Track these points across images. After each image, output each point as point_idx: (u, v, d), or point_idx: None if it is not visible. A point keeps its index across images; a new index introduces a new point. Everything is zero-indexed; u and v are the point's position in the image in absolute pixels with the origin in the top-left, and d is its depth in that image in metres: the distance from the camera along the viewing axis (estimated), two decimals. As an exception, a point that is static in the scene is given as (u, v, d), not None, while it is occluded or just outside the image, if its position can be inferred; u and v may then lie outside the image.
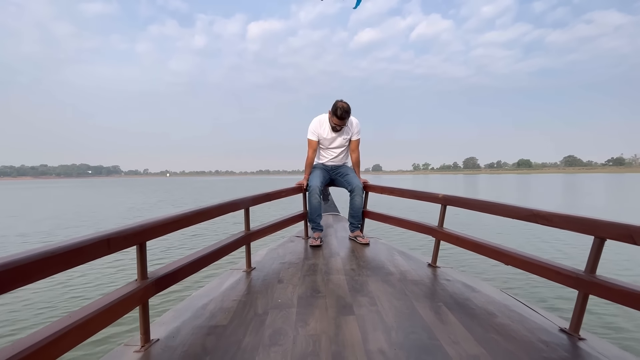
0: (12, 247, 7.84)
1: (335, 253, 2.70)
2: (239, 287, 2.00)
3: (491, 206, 1.96)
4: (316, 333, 1.42)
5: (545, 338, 1.39)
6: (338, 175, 3.23)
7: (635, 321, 3.34)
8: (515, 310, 1.67)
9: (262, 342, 1.35)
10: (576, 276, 1.43)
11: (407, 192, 2.81)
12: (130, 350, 1.31)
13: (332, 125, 2.96)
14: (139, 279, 1.33)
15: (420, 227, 2.60)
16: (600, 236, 1.36)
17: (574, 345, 1.35)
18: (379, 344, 1.33)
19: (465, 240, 2.15)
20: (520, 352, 1.28)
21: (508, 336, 1.40)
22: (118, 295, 1.20)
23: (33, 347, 0.87)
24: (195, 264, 1.68)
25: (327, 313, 1.62)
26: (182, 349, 1.32)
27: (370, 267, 2.36)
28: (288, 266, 2.37)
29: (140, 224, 1.31)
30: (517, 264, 1.74)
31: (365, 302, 1.74)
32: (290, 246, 2.94)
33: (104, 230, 1.17)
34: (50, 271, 0.93)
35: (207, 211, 1.79)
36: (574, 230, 1.46)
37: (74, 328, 1.00)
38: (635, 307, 1.22)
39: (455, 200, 2.27)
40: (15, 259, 0.84)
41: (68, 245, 0.99)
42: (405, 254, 2.67)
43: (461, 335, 1.41)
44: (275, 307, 1.69)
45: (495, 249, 1.90)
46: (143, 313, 1.34)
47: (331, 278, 2.12)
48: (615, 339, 3.03)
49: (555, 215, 1.55)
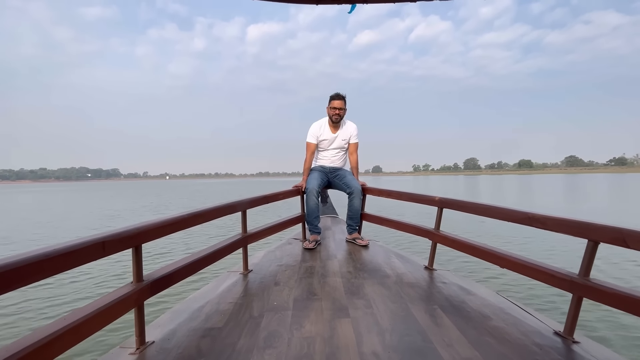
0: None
1: (332, 255, 2.71)
2: (235, 289, 2.00)
3: (487, 209, 1.97)
4: (311, 335, 1.42)
5: (539, 341, 1.40)
6: (336, 178, 3.25)
7: (628, 324, 3.34)
8: (510, 313, 1.67)
9: (257, 345, 1.35)
10: (570, 279, 1.44)
11: (405, 194, 2.83)
12: (126, 352, 1.31)
13: (332, 115, 3.07)
14: (134, 282, 1.33)
15: (417, 229, 2.61)
16: (593, 239, 1.37)
17: (567, 348, 1.35)
18: (373, 346, 1.33)
19: (461, 243, 2.16)
20: (514, 355, 1.28)
21: (502, 339, 1.41)
22: (113, 298, 1.20)
23: (26, 349, 0.87)
24: (191, 267, 1.68)
25: (323, 315, 1.62)
26: (177, 351, 1.32)
27: (367, 269, 2.36)
28: (285, 269, 2.38)
29: (136, 226, 1.32)
30: (513, 267, 1.74)
31: (361, 305, 1.75)
32: (288, 248, 2.94)
33: (99, 232, 1.17)
34: (45, 274, 0.93)
35: (204, 213, 1.80)
36: (567, 233, 1.47)
37: (69, 330, 1.00)
38: (628, 310, 1.23)
39: (451, 203, 2.28)
40: (10, 262, 0.84)
41: (63, 248, 0.99)
42: (402, 257, 2.68)
43: (455, 338, 1.41)
44: (271, 310, 1.69)
45: (490, 252, 1.91)
46: (138, 315, 1.34)
47: (327, 280, 2.12)
48: (609, 342, 3.03)
49: (550, 219, 1.56)
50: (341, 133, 3.16)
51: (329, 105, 3.09)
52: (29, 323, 3.71)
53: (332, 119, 3.09)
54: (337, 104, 3.04)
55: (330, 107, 3.08)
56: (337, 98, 3.05)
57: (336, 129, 3.16)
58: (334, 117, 3.06)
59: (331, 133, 3.15)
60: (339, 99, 3.04)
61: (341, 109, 3.06)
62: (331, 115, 3.08)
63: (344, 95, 3.06)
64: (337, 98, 3.05)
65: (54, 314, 3.95)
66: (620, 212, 12.89)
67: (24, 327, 3.63)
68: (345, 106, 3.08)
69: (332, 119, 3.09)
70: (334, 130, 3.15)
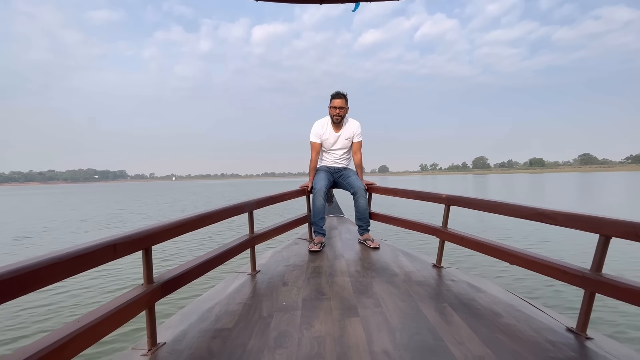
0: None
1: (339, 255, 2.70)
2: (244, 290, 2.01)
3: (495, 206, 1.94)
4: (321, 335, 1.42)
5: (551, 338, 1.38)
6: (341, 178, 3.24)
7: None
8: (521, 310, 1.65)
9: (267, 345, 1.35)
10: (582, 275, 1.42)
11: (411, 192, 2.82)
12: (138, 354, 1.32)
13: (333, 116, 3.04)
14: (145, 283, 1.35)
15: (424, 227, 2.59)
16: (605, 234, 1.35)
17: (581, 344, 1.33)
18: (383, 345, 1.33)
19: (469, 240, 2.14)
20: (527, 352, 1.27)
21: (514, 336, 1.39)
22: (125, 300, 1.21)
23: (42, 352, 0.89)
24: (200, 268, 1.69)
25: (332, 315, 1.62)
26: (188, 352, 1.33)
27: (375, 268, 2.36)
28: (292, 269, 2.38)
29: (146, 229, 1.34)
30: (523, 264, 1.72)
31: (370, 304, 1.74)
32: (295, 248, 2.94)
33: (110, 235, 1.19)
34: (59, 277, 0.95)
35: (211, 215, 1.81)
36: (579, 228, 1.45)
37: (82, 332, 1.02)
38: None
39: (458, 200, 2.26)
40: (26, 265, 0.86)
41: (76, 251, 1.01)
42: (409, 255, 2.67)
43: (466, 335, 1.40)
44: (280, 310, 1.70)
45: (499, 249, 1.89)
46: (149, 317, 1.35)
47: (335, 280, 2.12)
48: (624, 338, 2.99)
49: (560, 214, 1.54)
50: (344, 132, 3.13)
51: (330, 105, 3.05)
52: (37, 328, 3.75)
53: (334, 120, 3.06)
54: (337, 102, 3.00)
55: (331, 106, 3.04)
56: (337, 97, 3.00)
57: (339, 128, 3.12)
58: (335, 117, 3.03)
59: (334, 132, 3.12)
60: (339, 98, 3.00)
61: (342, 107, 3.01)
62: (332, 115, 3.05)
63: (344, 94, 3.02)
64: (338, 97, 3.00)
65: (60, 319, 3.99)
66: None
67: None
68: (347, 105, 3.04)
69: (334, 120, 3.06)
70: (336, 130, 3.12)
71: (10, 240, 9.44)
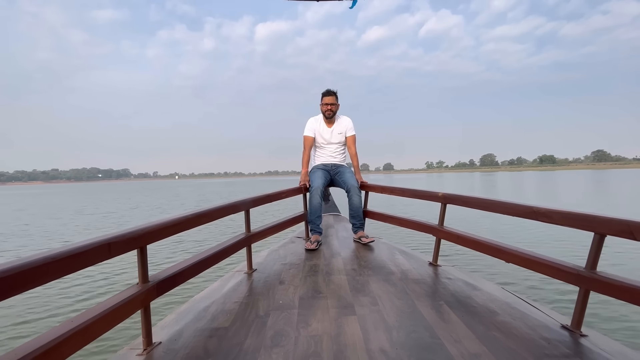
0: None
1: (336, 253, 2.71)
2: (240, 289, 2.01)
3: (491, 204, 1.95)
4: (318, 334, 1.43)
5: (546, 335, 1.39)
6: (337, 175, 3.27)
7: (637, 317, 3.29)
8: (517, 307, 1.66)
9: (264, 344, 1.36)
10: (577, 272, 1.42)
11: (407, 191, 2.82)
12: (133, 353, 1.32)
13: (325, 112, 3.18)
14: (140, 283, 1.35)
15: (421, 226, 2.60)
16: (600, 232, 1.36)
17: (575, 341, 1.34)
18: (380, 343, 1.34)
19: (465, 239, 2.14)
20: (522, 350, 1.27)
21: (509, 334, 1.40)
22: (120, 299, 1.21)
23: (35, 352, 0.88)
24: (196, 267, 1.69)
25: (329, 313, 1.62)
26: (184, 351, 1.33)
27: (372, 266, 2.36)
28: (289, 267, 2.38)
29: (141, 227, 1.33)
30: (518, 262, 1.73)
31: (367, 302, 1.75)
32: (291, 247, 2.95)
33: (104, 234, 1.18)
34: (52, 276, 0.94)
35: (207, 213, 1.81)
36: (573, 226, 1.45)
37: (76, 332, 1.01)
38: (637, 302, 1.21)
39: (455, 198, 2.26)
40: (17, 265, 0.85)
41: (69, 250, 1.00)
42: (406, 253, 2.67)
43: (462, 333, 1.40)
44: (277, 309, 1.70)
45: (495, 247, 1.89)
46: (145, 316, 1.36)
47: (332, 278, 2.12)
48: (618, 335, 2.99)
49: (555, 212, 1.54)
50: (336, 127, 3.26)
51: (321, 102, 3.20)
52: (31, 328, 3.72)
53: (325, 115, 3.20)
54: (328, 99, 3.16)
55: (322, 103, 3.19)
56: (328, 94, 3.17)
57: (331, 124, 3.27)
58: (327, 112, 3.18)
59: (327, 128, 3.26)
60: (330, 95, 3.16)
61: (333, 104, 3.16)
62: (324, 112, 3.20)
63: (335, 91, 3.19)
64: (328, 94, 3.17)
65: (55, 319, 3.94)
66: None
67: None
68: (337, 101, 3.19)
69: (325, 115, 3.20)
70: (329, 125, 3.28)
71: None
